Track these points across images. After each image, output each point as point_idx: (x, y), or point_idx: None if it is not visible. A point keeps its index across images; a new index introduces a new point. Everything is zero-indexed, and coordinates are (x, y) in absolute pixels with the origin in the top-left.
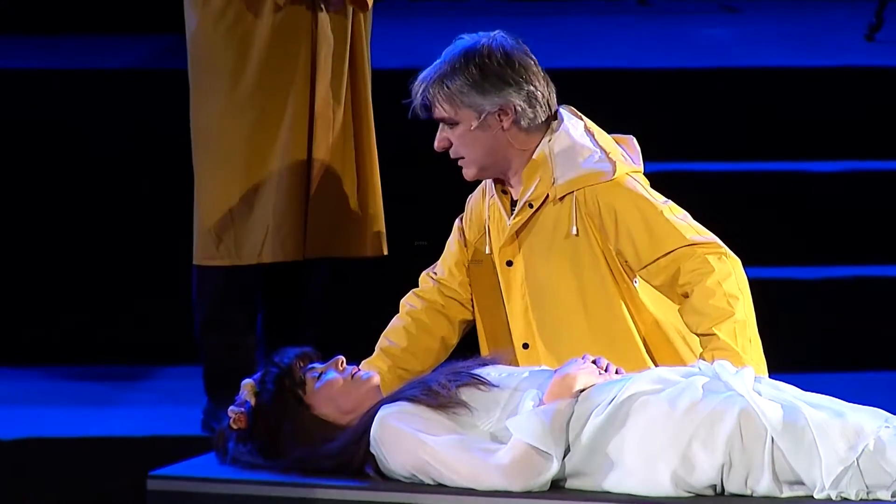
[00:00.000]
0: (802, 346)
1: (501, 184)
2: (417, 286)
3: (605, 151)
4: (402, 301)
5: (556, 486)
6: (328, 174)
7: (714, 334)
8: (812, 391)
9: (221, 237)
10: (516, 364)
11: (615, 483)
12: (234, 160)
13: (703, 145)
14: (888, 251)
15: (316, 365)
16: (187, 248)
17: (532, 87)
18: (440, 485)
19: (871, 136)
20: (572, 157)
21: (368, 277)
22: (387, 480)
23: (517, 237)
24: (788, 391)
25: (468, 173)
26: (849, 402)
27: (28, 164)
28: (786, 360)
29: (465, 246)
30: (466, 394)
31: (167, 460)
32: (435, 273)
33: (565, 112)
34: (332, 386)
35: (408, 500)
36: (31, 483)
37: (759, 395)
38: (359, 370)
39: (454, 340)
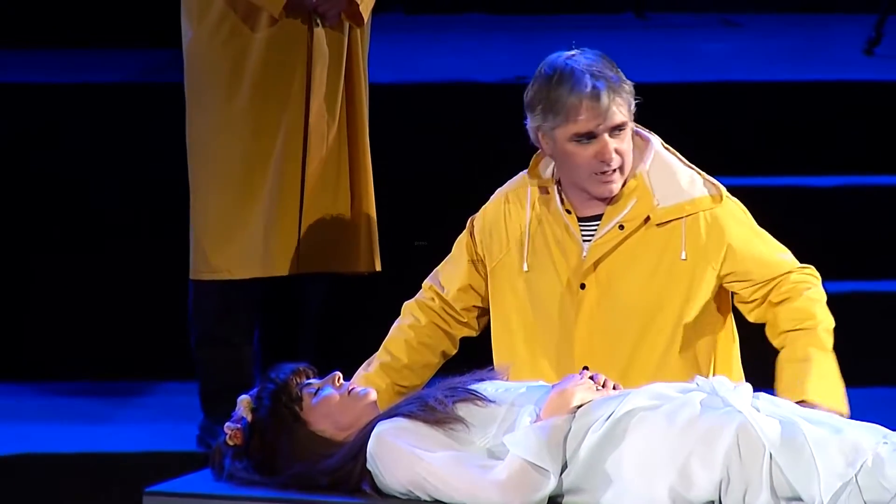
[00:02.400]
0: None
1: (561, 200)
2: (416, 292)
3: (699, 173)
4: (405, 306)
5: (554, 502)
6: (322, 189)
7: (815, 330)
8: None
9: (217, 251)
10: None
11: (613, 499)
12: (230, 174)
13: (702, 159)
14: (887, 266)
15: (312, 381)
16: (183, 262)
17: None
18: (437, 501)
19: (870, 151)
20: (673, 179)
21: (367, 281)
22: (383, 497)
23: (598, 260)
24: (786, 407)
25: (617, 184)
26: (847, 418)
27: (23, 178)
28: None
29: (478, 270)
30: (463, 409)
31: (163, 476)
32: (441, 289)
33: (641, 129)
34: (329, 402)
35: None
36: (26, 500)
37: (758, 411)
38: (355, 386)
39: (454, 352)
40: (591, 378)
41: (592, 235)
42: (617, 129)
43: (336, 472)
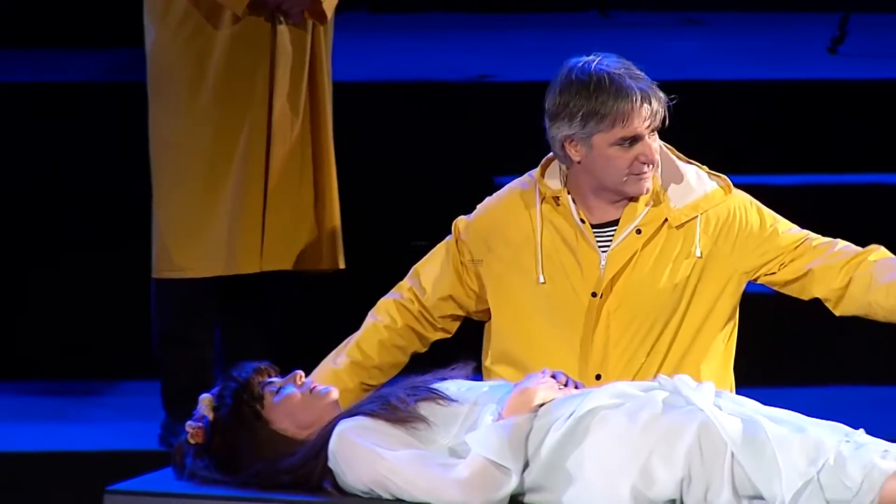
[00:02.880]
0: (765, 361)
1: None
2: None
3: (699, 166)
4: (382, 303)
5: (516, 500)
6: (285, 187)
7: (877, 249)
8: (776, 406)
9: (180, 249)
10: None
11: (574, 498)
12: (193, 172)
13: None
14: None
15: (274, 379)
16: (146, 261)
17: None
18: (399, 500)
19: (834, 150)
20: (683, 178)
21: (340, 280)
22: (345, 495)
23: (618, 267)
24: (749, 405)
25: (650, 184)
26: (810, 416)
27: None
28: (751, 375)
29: (462, 279)
30: (425, 408)
31: (124, 475)
32: (422, 293)
33: None
34: (291, 400)
35: None
36: None
37: (719, 409)
38: (317, 385)
39: (423, 351)
40: (553, 376)
41: (607, 243)
42: (655, 129)
43: (297, 471)
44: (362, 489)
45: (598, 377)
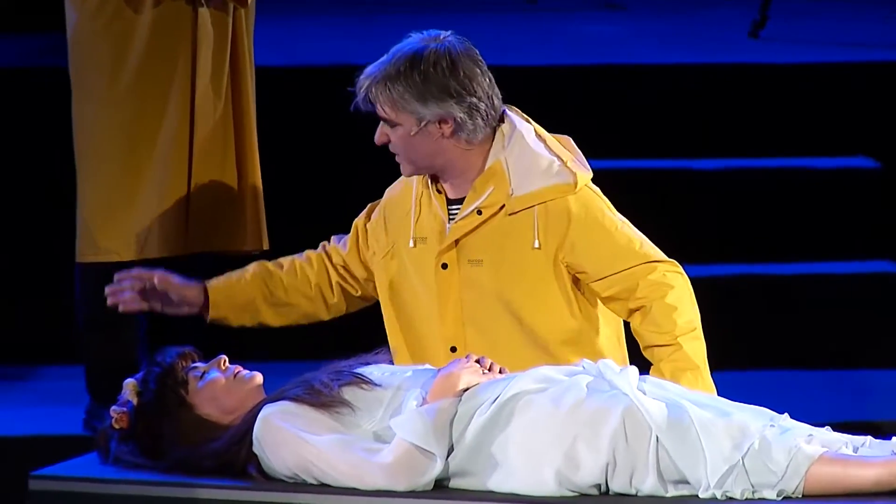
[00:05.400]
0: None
1: (435, 181)
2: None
3: (562, 160)
4: (306, 253)
5: (440, 485)
6: (209, 170)
7: (677, 346)
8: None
9: (104, 233)
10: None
11: (499, 482)
12: (115, 157)
13: (589, 143)
14: (771, 249)
15: (198, 364)
16: (69, 245)
17: (475, 99)
18: (323, 485)
19: (755, 134)
20: (530, 168)
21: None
22: (270, 480)
23: (457, 241)
24: (673, 390)
25: (405, 170)
26: (734, 401)
27: None
28: None
29: (361, 250)
30: (349, 393)
31: (49, 460)
32: (336, 250)
33: (514, 116)
34: (215, 385)
35: (291, 500)
36: None
37: (644, 393)
38: (241, 370)
39: (324, 315)
40: (478, 361)
41: (454, 217)
42: (384, 121)
43: (222, 456)
44: (287, 474)
45: (453, 349)
